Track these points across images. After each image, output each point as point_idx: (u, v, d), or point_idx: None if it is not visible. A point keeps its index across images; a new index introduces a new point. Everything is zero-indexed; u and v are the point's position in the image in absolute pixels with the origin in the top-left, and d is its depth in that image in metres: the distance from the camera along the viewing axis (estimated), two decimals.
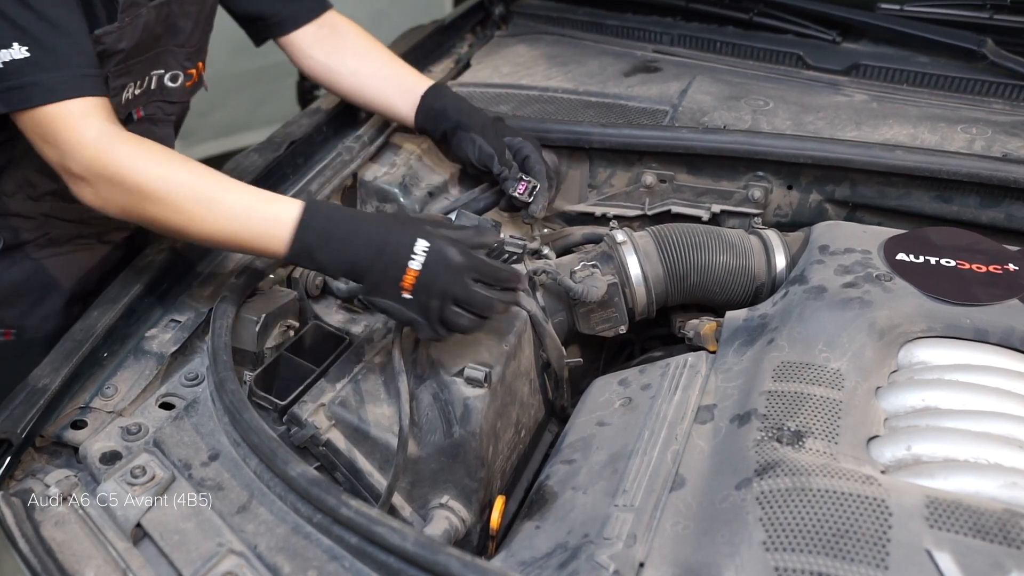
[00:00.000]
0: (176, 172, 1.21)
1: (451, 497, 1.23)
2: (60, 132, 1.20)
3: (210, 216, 1.20)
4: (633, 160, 1.72)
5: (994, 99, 1.84)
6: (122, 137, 1.22)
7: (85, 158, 1.19)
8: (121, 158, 1.19)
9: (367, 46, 1.74)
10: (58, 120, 1.19)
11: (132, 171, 1.19)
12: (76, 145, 1.19)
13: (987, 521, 0.89)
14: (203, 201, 1.20)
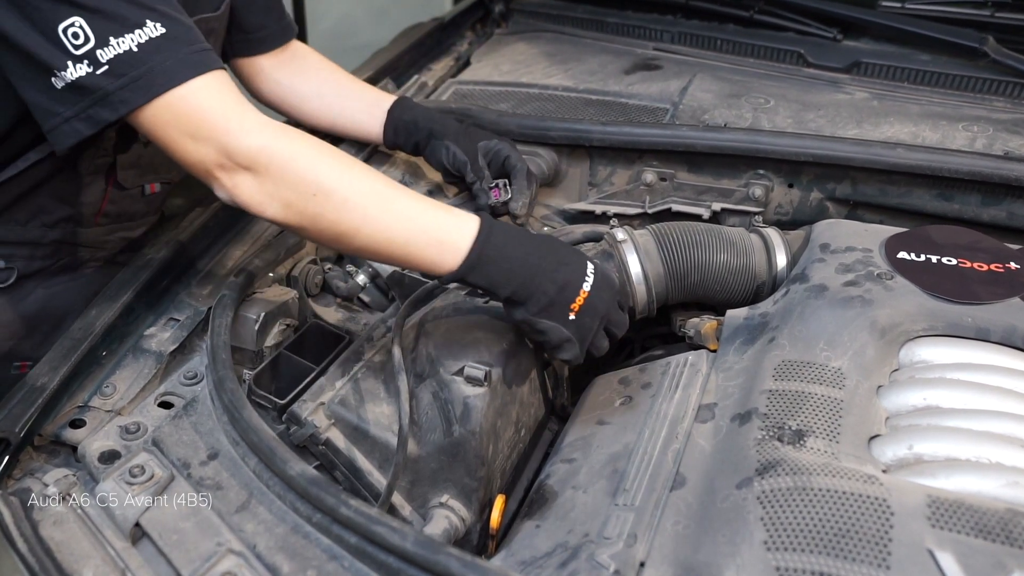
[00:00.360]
0: (350, 168, 1.13)
1: (451, 496, 1.23)
2: (218, 113, 1.10)
3: (386, 216, 1.11)
4: (633, 158, 1.72)
5: (995, 97, 1.83)
6: (283, 125, 1.14)
7: (253, 146, 1.09)
8: (294, 148, 1.11)
9: (329, 69, 1.72)
10: (211, 100, 1.10)
11: (307, 162, 1.10)
12: (240, 131, 1.10)
13: (989, 521, 0.89)
14: (378, 201, 1.12)
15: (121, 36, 1.06)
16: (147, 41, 1.07)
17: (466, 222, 1.13)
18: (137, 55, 1.06)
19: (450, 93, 1.97)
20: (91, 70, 1.05)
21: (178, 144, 1.11)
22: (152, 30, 1.07)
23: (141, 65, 1.07)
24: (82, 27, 1.04)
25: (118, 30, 1.05)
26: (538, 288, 1.13)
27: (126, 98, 1.07)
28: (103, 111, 1.08)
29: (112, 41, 1.05)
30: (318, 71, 1.70)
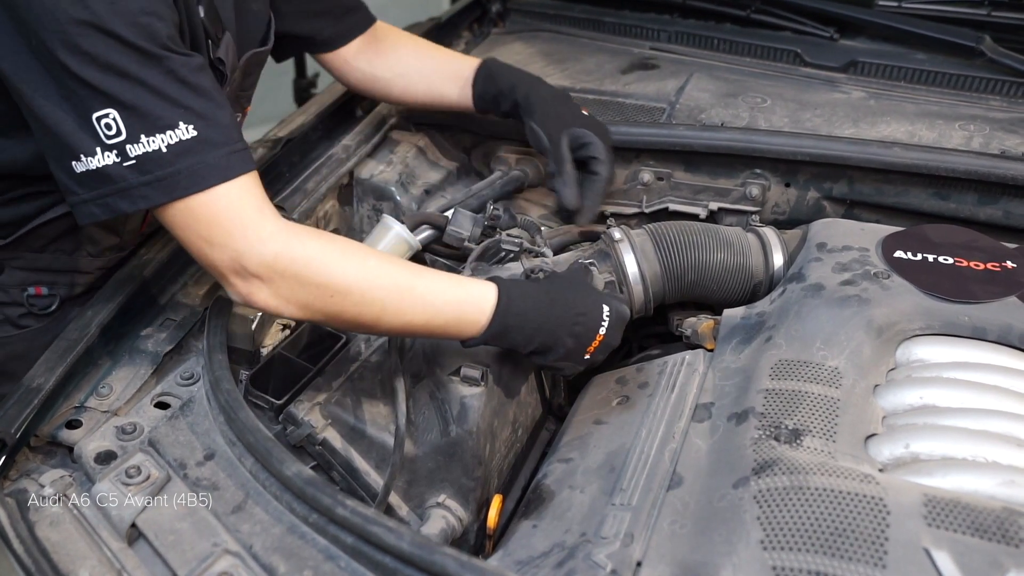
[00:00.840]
0: (366, 259, 1.13)
1: (448, 496, 1.23)
2: (237, 226, 1.08)
3: (405, 306, 1.12)
4: (630, 158, 1.72)
5: (992, 96, 1.83)
6: (297, 227, 1.12)
7: (267, 254, 1.07)
8: (308, 252, 1.09)
9: (407, 45, 1.69)
10: (231, 212, 1.08)
11: (321, 265, 1.09)
12: (255, 240, 1.08)
13: (985, 519, 0.89)
14: (396, 291, 1.12)
15: (152, 136, 1.04)
16: (177, 143, 1.05)
17: (484, 296, 1.15)
18: (165, 156, 1.05)
19: None
20: (118, 160, 1.04)
21: (193, 244, 1.11)
22: (184, 132, 1.05)
23: (168, 166, 1.05)
24: (116, 120, 1.03)
25: (150, 129, 1.04)
26: (557, 342, 1.18)
27: (147, 194, 1.06)
28: (121, 202, 1.07)
29: (143, 139, 1.04)
30: (397, 51, 1.67)
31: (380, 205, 1.73)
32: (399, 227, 1.45)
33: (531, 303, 1.16)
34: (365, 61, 1.66)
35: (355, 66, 1.66)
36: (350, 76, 1.69)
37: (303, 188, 1.63)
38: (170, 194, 1.06)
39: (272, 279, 1.08)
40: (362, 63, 1.66)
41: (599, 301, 1.21)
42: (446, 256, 1.53)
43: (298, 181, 1.66)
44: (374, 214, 1.74)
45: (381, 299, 1.11)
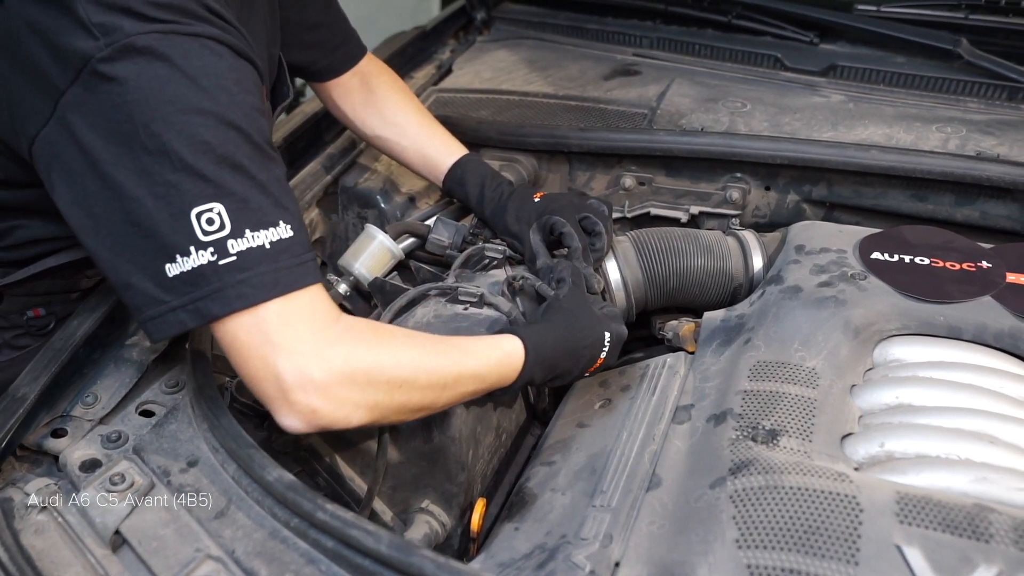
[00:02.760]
0: (424, 347, 1.09)
1: (431, 501, 1.24)
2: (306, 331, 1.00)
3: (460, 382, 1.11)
4: (612, 163, 1.73)
5: (969, 98, 1.85)
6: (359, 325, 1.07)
7: (335, 360, 1.00)
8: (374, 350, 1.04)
9: (395, 105, 1.64)
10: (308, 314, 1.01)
11: (390, 363, 1.04)
12: (324, 344, 1.00)
13: (956, 516, 0.90)
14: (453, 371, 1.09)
15: (258, 231, 0.98)
16: (279, 240, 0.99)
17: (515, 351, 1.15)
18: (269, 252, 0.99)
19: (431, 101, 1.98)
20: (214, 259, 0.96)
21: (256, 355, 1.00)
22: (284, 231, 1.00)
23: (271, 263, 0.99)
24: (220, 213, 0.96)
25: (257, 224, 0.98)
26: (568, 372, 1.23)
27: (244, 293, 0.97)
28: (213, 304, 0.97)
29: (248, 233, 0.97)
30: (383, 111, 1.63)
31: (365, 213, 1.74)
32: (383, 236, 1.46)
33: (550, 350, 1.18)
34: (350, 107, 1.64)
35: (339, 106, 1.65)
36: (335, 111, 1.68)
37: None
38: (268, 292, 0.98)
39: (340, 388, 1.00)
40: (347, 107, 1.65)
41: (601, 328, 1.24)
42: (429, 263, 1.54)
43: None
44: (359, 222, 1.75)
45: (442, 382, 1.09)
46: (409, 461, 1.24)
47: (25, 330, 1.40)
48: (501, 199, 1.51)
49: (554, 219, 1.42)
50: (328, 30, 1.58)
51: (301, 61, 1.57)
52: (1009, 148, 1.59)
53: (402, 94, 1.65)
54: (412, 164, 1.63)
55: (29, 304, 1.38)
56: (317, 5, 1.54)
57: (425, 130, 1.62)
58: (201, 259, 0.96)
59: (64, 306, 1.42)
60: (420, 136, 1.61)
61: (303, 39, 1.55)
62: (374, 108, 1.63)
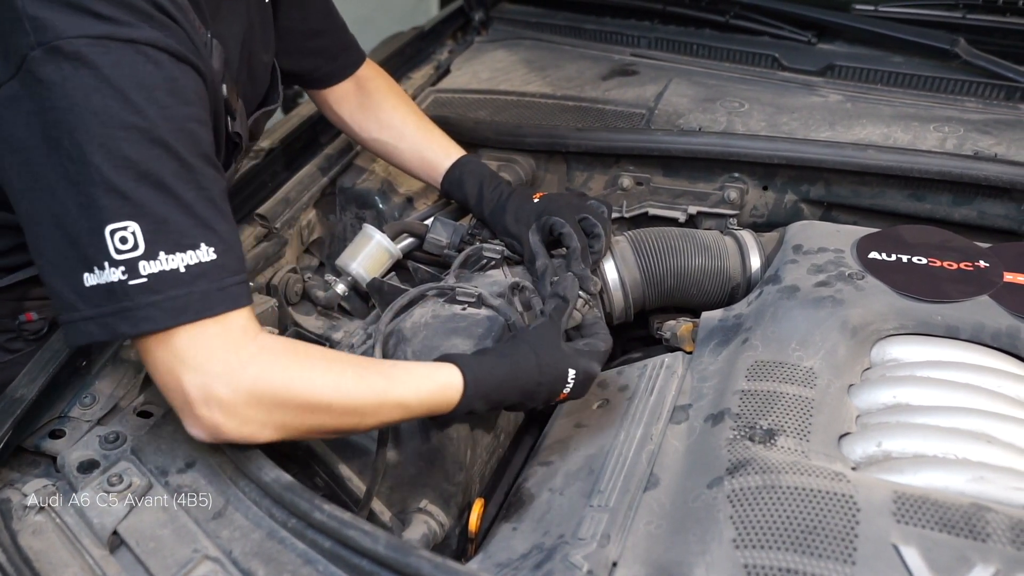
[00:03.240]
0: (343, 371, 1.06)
1: (429, 501, 1.24)
2: (217, 352, 0.99)
3: (381, 411, 1.08)
4: (610, 163, 1.73)
5: (967, 98, 1.86)
6: (275, 347, 1.04)
7: (244, 381, 0.98)
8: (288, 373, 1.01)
9: (391, 109, 1.63)
10: (221, 336, 0.99)
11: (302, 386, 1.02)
12: (235, 367, 0.99)
13: (953, 515, 0.91)
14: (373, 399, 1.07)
15: (173, 254, 0.96)
16: (196, 264, 0.97)
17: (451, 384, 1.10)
18: (183, 276, 0.96)
19: (429, 102, 1.98)
20: (124, 278, 0.95)
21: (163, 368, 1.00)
22: (205, 254, 0.98)
23: (183, 287, 0.96)
24: (135, 233, 0.94)
25: (173, 247, 0.96)
26: (525, 403, 1.16)
27: (152, 316, 0.96)
28: (122, 324, 0.96)
29: (162, 256, 0.95)
30: (380, 115, 1.63)
31: (363, 213, 1.74)
32: (380, 236, 1.46)
33: (495, 383, 1.13)
34: (347, 112, 1.64)
35: (336, 111, 1.65)
36: (331, 117, 1.68)
37: (286, 198, 1.64)
38: (177, 318, 0.96)
39: (246, 409, 1.00)
40: (343, 112, 1.64)
41: (565, 366, 1.17)
42: (427, 264, 1.55)
43: (281, 191, 1.67)
44: (357, 222, 1.75)
45: (361, 410, 1.07)
46: (407, 461, 1.24)
47: (18, 334, 1.40)
48: (500, 199, 1.50)
49: (553, 219, 1.41)
50: (330, 37, 1.58)
51: (303, 68, 1.57)
52: (1007, 147, 1.59)
53: (398, 98, 1.65)
54: (409, 167, 1.63)
55: (21, 308, 1.38)
56: (318, 13, 1.54)
57: (422, 132, 1.62)
58: (112, 276, 0.94)
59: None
60: (417, 138, 1.61)
61: (305, 46, 1.55)
62: (370, 112, 1.63)
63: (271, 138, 1.80)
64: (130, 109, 0.94)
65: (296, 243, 1.68)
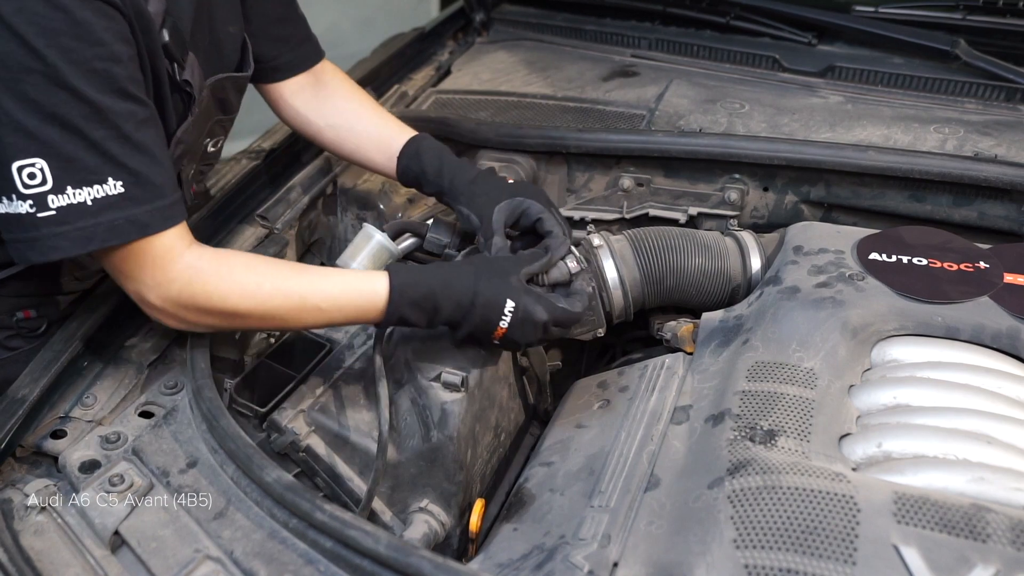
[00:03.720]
0: (260, 283, 1.18)
1: (430, 501, 1.24)
2: (145, 269, 1.13)
3: (303, 315, 1.20)
4: (610, 164, 1.74)
5: (967, 99, 1.86)
6: (201, 265, 1.16)
7: (170, 293, 1.14)
8: (207, 288, 1.15)
9: (346, 96, 1.64)
10: (145, 256, 1.12)
11: (219, 297, 1.16)
12: (161, 281, 1.14)
13: (954, 516, 0.91)
14: (292, 306, 1.18)
15: (80, 188, 1.04)
16: (103, 198, 1.06)
17: (376, 291, 1.20)
18: (89, 208, 1.05)
19: (430, 103, 1.99)
20: (32, 211, 1.04)
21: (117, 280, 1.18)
22: (112, 188, 1.06)
23: (89, 219, 1.06)
24: (43, 170, 1.02)
25: (79, 182, 1.04)
26: (462, 321, 1.21)
27: (58, 245, 1.06)
28: (31, 252, 1.07)
29: (69, 191, 1.04)
30: (334, 101, 1.63)
31: (364, 214, 1.74)
32: (380, 236, 1.46)
33: (424, 291, 1.20)
34: (302, 102, 1.62)
35: (290, 103, 1.62)
36: (284, 112, 1.65)
37: (287, 198, 1.65)
38: (84, 246, 1.06)
39: (178, 313, 1.17)
40: (298, 103, 1.62)
41: (504, 294, 1.21)
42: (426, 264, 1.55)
43: (282, 191, 1.67)
44: (358, 223, 1.76)
45: (281, 315, 1.19)
46: (408, 461, 1.24)
47: (16, 332, 1.40)
48: (465, 175, 1.48)
49: (529, 204, 1.42)
50: (293, 25, 1.59)
51: (267, 54, 1.56)
52: (1007, 149, 1.59)
53: (355, 89, 1.66)
54: (364, 149, 1.60)
55: (18, 305, 1.39)
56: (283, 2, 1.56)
57: (378, 115, 1.62)
58: (20, 208, 1.04)
59: (56, 308, 1.43)
60: (373, 120, 1.60)
61: (271, 32, 1.55)
62: (326, 100, 1.62)
63: (272, 139, 1.81)
64: (32, 55, 1.00)
65: (297, 244, 1.68)
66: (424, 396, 1.24)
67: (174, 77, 1.23)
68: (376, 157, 1.59)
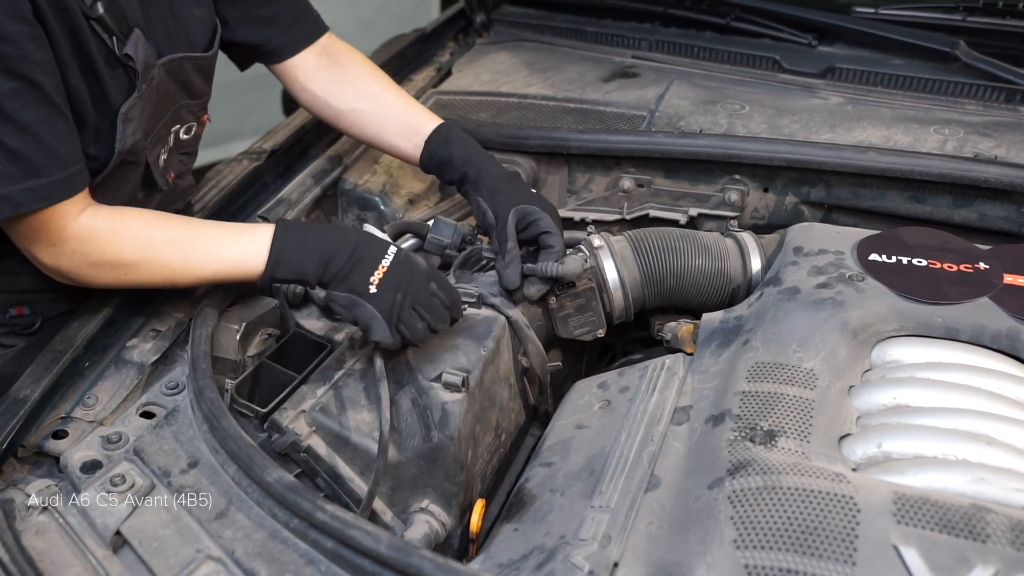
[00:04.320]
0: (151, 234, 1.24)
1: (431, 501, 1.24)
2: (38, 235, 1.19)
3: (191, 265, 1.25)
4: (611, 165, 1.74)
5: (967, 100, 1.86)
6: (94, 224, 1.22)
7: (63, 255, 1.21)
8: (99, 246, 1.21)
9: (368, 77, 1.61)
10: (27, 227, 1.19)
11: (112, 252, 1.21)
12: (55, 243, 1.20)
13: (953, 516, 0.91)
14: (180, 255, 1.24)
15: None
16: None
17: (262, 233, 1.25)
18: None
19: (431, 104, 1.99)
20: None
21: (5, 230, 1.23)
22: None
23: None
24: None
25: None
26: (337, 267, 1.23)
27: None
28: None
29: None
30: (357, 85, 1.60)
31: (364, 215, 1.75)
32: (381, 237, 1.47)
33: (311, 235, 1.25)
34: (319, 85, 1.60)
35: (307, 86, 1.61)
36: (302, 95, 1.63)
37: (287, 199, 1.65)
38: None
39: (69, 271, 1.22)
40: (315, 85, 1.61)
41: (387, 245, 1.27)
42: None
43: (282, 192, 1.67)
44: (359, 224, 1.76)
45: (169, 265, 1.24)
46: (408, 461, 1.24)
47: (10, 329, 1.41)
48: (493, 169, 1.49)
49: (541, 216, 1.42)
50: (280, 5, 1.56)
51: (255, 39, 1.55)
52: (1007, 150, 1.60)
53: (374, 69, 1.63)
54: (388, 134, 1.59)
55: (10, 301, 1.41)
56: None
57: (404, 100, 1.61)
58: None
59: (49, 305, 1.43)
60: (399, 105, 1.59)
61: (254, 15, 1.53)
62: (345, 83, 1.60)
63: (274, 139, 1.81)
64: None
65: None
66: (425, 396, 1.24)
67: (113, 51, 1.23)
68: (400, 142, 1.59)
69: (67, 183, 1.19)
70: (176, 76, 1.37)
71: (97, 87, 1.22)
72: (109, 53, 1.22)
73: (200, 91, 1.45)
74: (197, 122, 1.48)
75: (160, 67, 1.32)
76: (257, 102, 3.56)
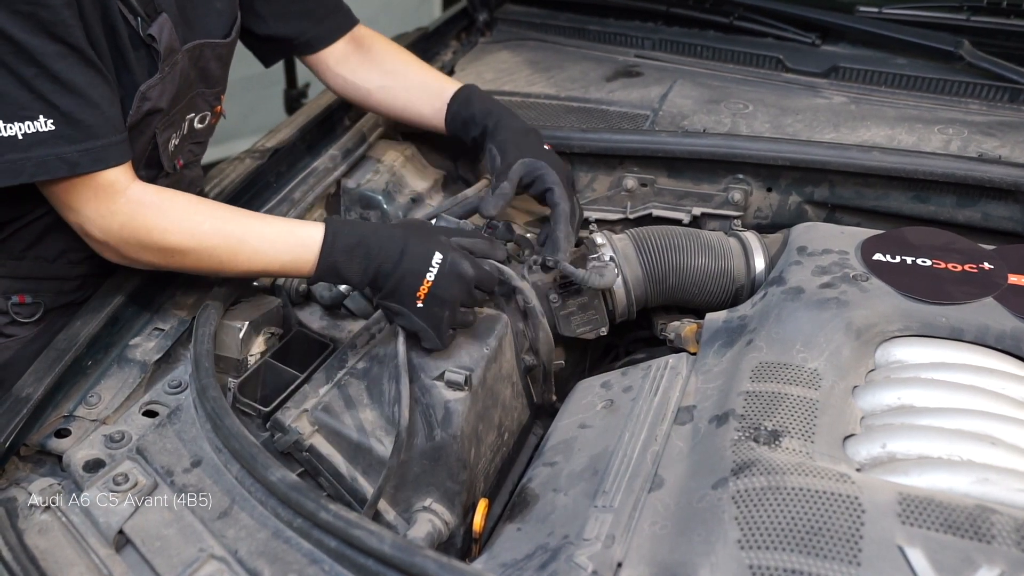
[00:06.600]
0: (201, 222, 1.24)
1: (434, 500, 1.24)
2: (88, 201, 1.19)
3: (239, 258, 1.25)
4: (614, 164, 1.74)
5: (971, 99, 1.86)
6: (143, 199, 1.22)
7: (112, 226, 1.20)
8: (147, 223, 1.21)
9: (393, 56, 1.71)
10: (87, 188, 1.18)
11: (159, 233, 1.21)
12: (104, 213, 1.20)
13: (958, 517, 0.91)
14: (229, 247, 1.24)
15: (11, 123, 1.10)
16: (34, 133, 1.11)
17: (311, 237, 1.25)
18: (20, 143, 1.11)
19: None
20: None
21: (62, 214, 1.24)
22: (42, 125, 1.12)
23: (19, 152, 1.12)
24: None
25: (10, 117, 1.10)
26: (387, 277, 1.23)
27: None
28: None
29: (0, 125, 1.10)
30: (383, 64, 1.69)
31: (367, 214, 1.74)
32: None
33: (357, 239, 1.24)
34: (349, 69, 1.69)
35: (337, 72, 1.69)
36: (332, 81, 1.72)
37: (290, 198, 1.65)
38: (13, 178, 1.13)
39: (119, 247, 1.22)
40: (345, 70, 1.69)
41: (432, 247, 1.24)
42: None
43: (285, 191, 1.67)
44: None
45: (218, 256, 1.24)
46: (412, 460, 1.24)
47: (12, 318, 1.41)
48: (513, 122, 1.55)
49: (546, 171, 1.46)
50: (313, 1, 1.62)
51: (289, 32, 1.61)
52: (1011, 150, 1.59)
53: (401, 51, 1.72)
54: (415, 103, 1.67)
55: (13, 288, 1.41)
56: None
57: (426, 71, 1.69)
58: None
59: (53, 296, 1.43)
60: (422, 76, 1.68)
61: (289, 9, 1.59)
62: (372, 64, 1.68)
63: (276, 138, 1.80)
64: None
65: None
66: (427, 395, 1.23)
67: (137, 31, 1.24)
68: (426, 110, 1.66)
69: (122, 147, 1.21)
70: (197, 63, 1.39)
71: (121, 63, 1.24)
72: (133, 33, 1.24)
73: (216, 79, 1.47)
74: (211, 112, 1.50)
75: (184, 53, 1.34)
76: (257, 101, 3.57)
